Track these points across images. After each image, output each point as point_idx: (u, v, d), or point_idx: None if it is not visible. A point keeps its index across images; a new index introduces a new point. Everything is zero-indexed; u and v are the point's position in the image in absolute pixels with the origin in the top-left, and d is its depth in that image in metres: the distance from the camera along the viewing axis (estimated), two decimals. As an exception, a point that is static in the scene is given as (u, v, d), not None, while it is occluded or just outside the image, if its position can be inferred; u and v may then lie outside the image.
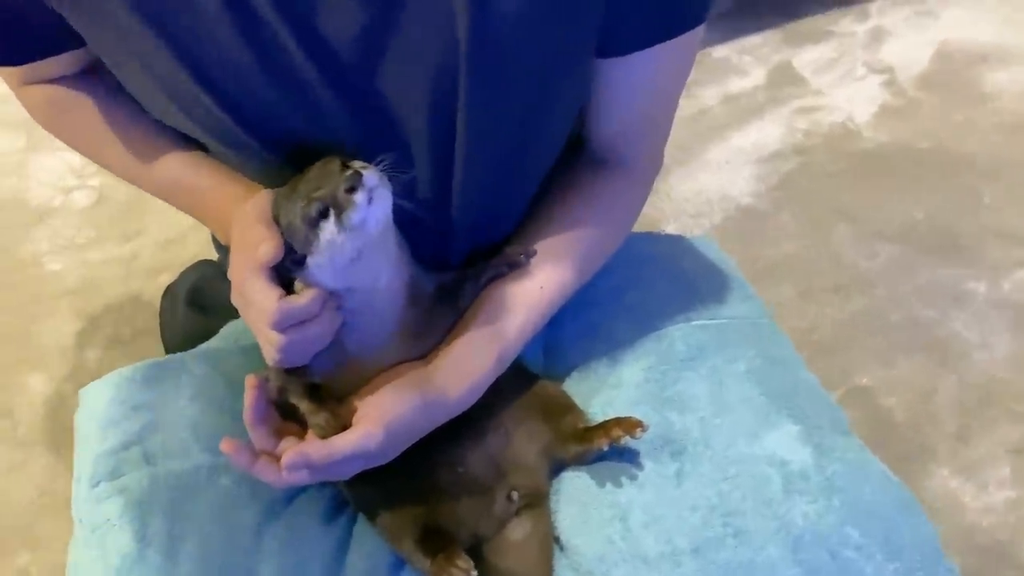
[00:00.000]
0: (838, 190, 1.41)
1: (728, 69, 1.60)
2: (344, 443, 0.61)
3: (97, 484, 0.69)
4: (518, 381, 0.74)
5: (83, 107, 0.70)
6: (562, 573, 0.68)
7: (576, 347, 0.79)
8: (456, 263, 0.71)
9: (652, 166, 0.75)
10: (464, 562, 0.63)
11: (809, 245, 1.32)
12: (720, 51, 1.63)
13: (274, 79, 0.57)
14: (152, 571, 0.63)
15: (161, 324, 1.13)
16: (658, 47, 0.62)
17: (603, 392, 0.74)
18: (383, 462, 0.64)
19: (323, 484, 0.72)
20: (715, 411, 0.70)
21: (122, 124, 0.69)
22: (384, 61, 0.57)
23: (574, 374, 0.78)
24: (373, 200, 0.57)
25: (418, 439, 0.65)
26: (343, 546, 0.70)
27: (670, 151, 0.77)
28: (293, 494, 0.70)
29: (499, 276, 0.70)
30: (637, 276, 0.82)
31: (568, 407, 0.73)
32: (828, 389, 1.09)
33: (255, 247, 0.58)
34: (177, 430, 0.71)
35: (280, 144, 0.62)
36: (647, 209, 0.76)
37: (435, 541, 0.67)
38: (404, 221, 0.64)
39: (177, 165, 0.69)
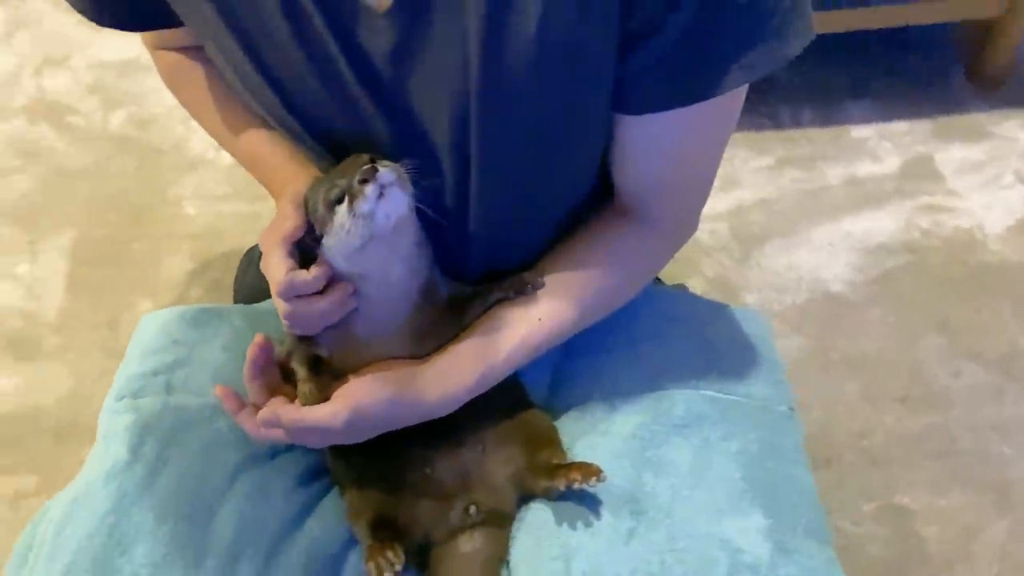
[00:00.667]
0: (941, 299, 1.33)
1: (863, 151, 1.54)
2: (312, 415, 0.66)
3: (121, 399, 0.77)
4: (512, 404, 0.77)
5: (194, 76, 0.77)
6: None
7: (580, 386, 0.80)
8: (472, 278, 0.74)
9: (678, 227, 0.75)
10: (394, 555, 0.66)
11: (890, 348, 1.26)
12: (860, 131, 1.58)
13: (323, 82, 0.63)
14: (134, 481, 0.69)
15: (235, 279, 1.23)
16: (678, 111, 0.62)
17: (590, 436, 0.75)
18: (346, 442, 0.69)
19: (309, 449, 0.77)
20: (690, 483, 0.70)
21: (220, 97, 0.76)
22: (411, 78, 0.61)
23: (572, 412, 0.79)
24: (384, 195, 0.61)
25: (387, 431, 0.69)
26: (306, 511, 0.74)
27: (773, 220, 0.77)
28: (277, 451, 0.75)
29: (506, 299, 0.72)
30: (660, 331, 0.82)
31: (549, 442, 0.75)
32: (862, 501, 1.05)
33: (281, 223, 0.64)
34: (201, 370, 0.79)
35: (326, 138, 0.68)
36: (729, 274, 0.76)
37: (385, 528, 0.71)
38: (428, 227, 0.68)
39: (257, 140, 0.75)
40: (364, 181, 0.61)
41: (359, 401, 0.66)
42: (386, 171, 0.61)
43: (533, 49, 0.57)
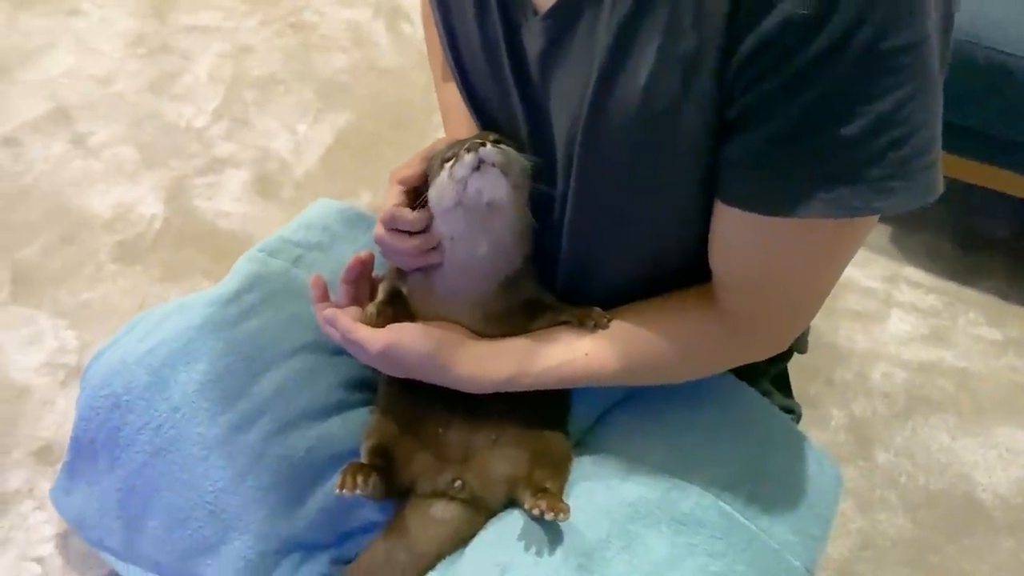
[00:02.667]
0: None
1: None
2: (357, 332, 0.74)
3: (261, 251, 0.91)
4: (547, 419, 0.81)
5: (429, 22, 0.88)
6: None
7: (616, 438, 0.82)
8: (554, 293, 0.78)
9: (755, 333, 0.72)
10: (363, 480, 0.73)
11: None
12: None
13: (490, 69, 0.70)
14: (225, 315, 0.82)
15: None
16: (763, 218, 0.61)
17: (594, 484, 0.77)
18: (380, 369, 0.77)
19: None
20: (647, 572, 0.70)
21: (436, 49, 0.85)
22: (551, 86, 0.66)
23: (595, 456, 0.81)
24: (481, 170, 0.68)
25: (414, 379, 0.76)
26: (337, 410, 0.83)
27: (961, 393, 0.72)
28: (342, 352, 0.85)
29: (570, 324, 0.76)
30: (720, 428, 0.81)
31: (555, 467, 0.78)
32: None
33: (406, 167, 0.73)
34: (330, 259, 0.90)
35: (484, 117, 0.76)
36: (876, 423, 0.71)
37: (380, 457, 0.78)
38: (537, 232, 0.74)
39: (451, 94, 0.84)
40: (469, 151, 0.68)
41: (399, 340, 0.74)
42: (493, 151, 0.68)
43: (636, 103, 0.60)
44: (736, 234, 0.64)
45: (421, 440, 0.80)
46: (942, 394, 1.15)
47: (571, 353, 0.74)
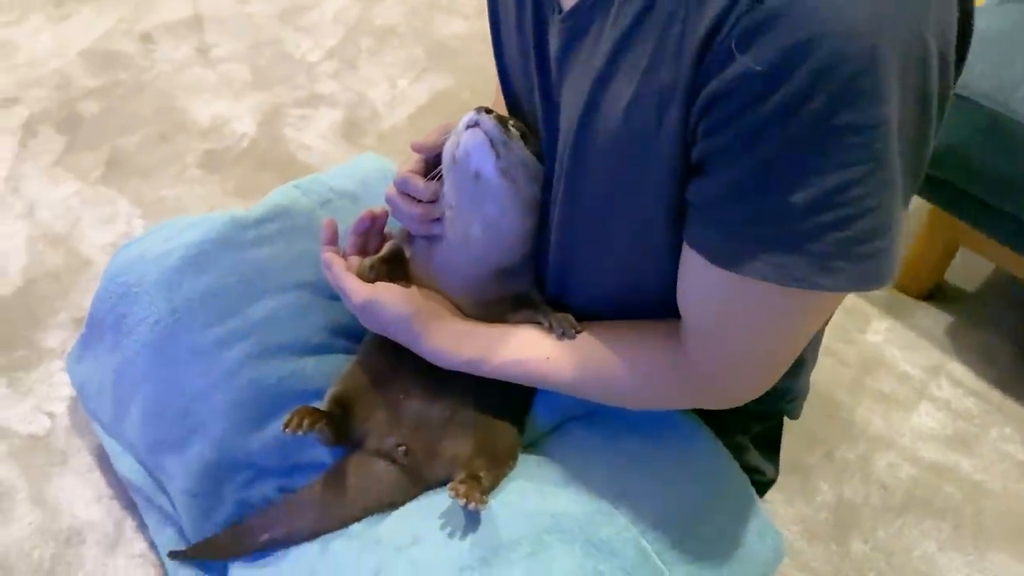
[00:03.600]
0: None
1: None
2: (344, 280, 0.80)
3: (296, 187, 0.97)
4: (504, 411, 0.83)
5: None
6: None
7: (562, 448, 0.83)
8: (544, 295, 0.80)
9: (710, 380, 0.71)
10: (308, 424, 0.77)
11: None
12: None
13: (522, 59, 0.72)
14: (240, 236, 0.89)
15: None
16: (722, 272, 0.60)
17: (526, 484, 0.79)
18: (359, 318, 0.81)
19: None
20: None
21: None
22: (563, 88, 0.67)
23: (539, 460, 0.83)
24: (472, 131, 0.72)
25: (386, 337, 0.80)
26: (317, 351, 0.88)
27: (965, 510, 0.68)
28: (338, 296, 0.90)
29: (541, 325, 0.78)
30: (667, 467, 0.80)
31: (495, 458, 0.79)
32: None
33: (427, 136, 0.77)
34: (353, 210, 0.94)
35: (514, 105, 0.79)
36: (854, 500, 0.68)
37: (338, 406, 0.82)
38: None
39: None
40: (472, 119, 0.71)
41: (380, 298, 0.78)
42: (490, 121, 0.71)
43: (615, 126, 0.61)
44: (696, 277, 0.64)
45: (382, 400, 0.84)
46: (945, 501, 1.09)
47: (534, 352, 0.76)
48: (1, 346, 1.14)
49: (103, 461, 1.02)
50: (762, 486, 0.92)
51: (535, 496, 0.78)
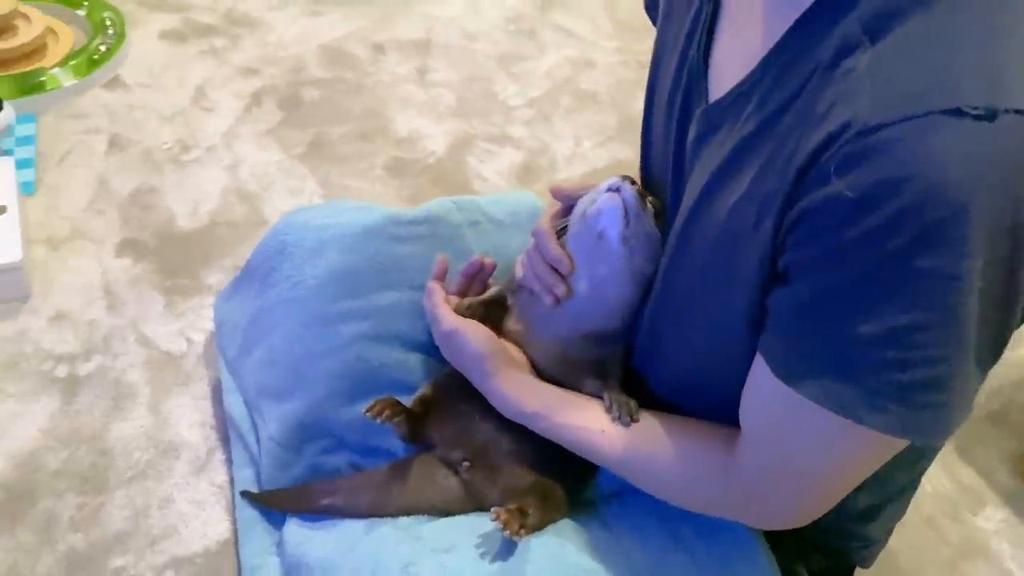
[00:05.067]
0: None
1: None
2: (439, 308, 0.87)
3: (455, 203, 1.04)
4: (562, 469, 0.84)
5: None
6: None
7: (616, 516, 0.85)
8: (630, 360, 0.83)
9: (752, 494, 0.70)
10: (387, 415, 0.84)
11: None
12: None
13: (662, 150, 0.77)
14: (391, 231, 0.97)
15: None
16: (782, 384, 0.60)
17: (566, 536, 0.81)
18: (440, 347, 0.87)
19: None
20: None
21: None
22: (691, 174, 0.70)
23: (590, 517, 0.85)
24: (612, 195, 0.76)
25: (460, 371, 0.86)
26: (422, 350, 0.94)
27: None
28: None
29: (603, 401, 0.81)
30: (708, 566, 0.80)
31: (545, 505, 0.81)
32: None
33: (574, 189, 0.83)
34: (494, 236, 1.03)
35: (647, 175, 0.82)
36: None
37: (422, 406, 0.89)
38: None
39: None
40: (615, 184, 0.76)
41: (464, 331, 0.84)
42: (631, 193, 0.76)
43: (720, 222, 0.64)
44: (759, 382, 0.65)
45: (460, 414, 0.89)
46: None
47: (591, 423, 0.79)
48: (172, 270, 1.29)
49: (216, 394, 1.13)
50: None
51: (575, 551, 0.79)
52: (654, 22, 0.86)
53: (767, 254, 0.60)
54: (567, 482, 0.86)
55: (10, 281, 1.20)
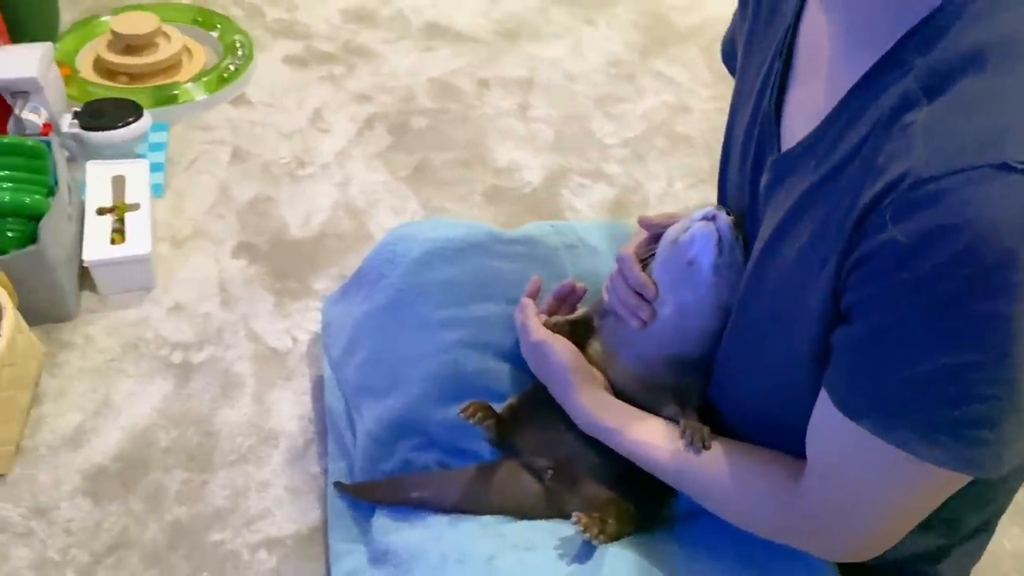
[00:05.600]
0: None
1: None
2: (530, 320, 0.93)
3: (552, 226, 1.11)
4: (637, 487, 0.88)
5: None
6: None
7: (691, 534, 0.88)
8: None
9: (810, 524, 0.73)
10: (479, 417, 0.90)
11: None
12: None
13: (738, 188, 0.81)
14: (491, 248, 1.05)
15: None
16: (844, 418, 0.63)
17: (641, 549, 0.84)
18: (527, 357, 0.93)
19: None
20: None
21: None
22: (765, 216, 0.75)
23: (666, 534, 0.88)
24: (707, 224, 0.80)
25: (544, 383, 0.91)
26: (514, 361, 0.99)
27: None
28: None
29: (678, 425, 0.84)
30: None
31: (622, 520, 0.85)
32: None
33: (665, 219, 0.88)
34: (587, 260, 1.09)
35: (724, 201, 0.88)
36: None
37: (511, 412, 0.94)
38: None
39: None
40: (711, 213, 0.80)
41: (551, 343, 0.89)
42: (727, 224, 0.80)
43: (788, 267, 0.68)
44: (823, 414, 0.68)
45: (547, 424, 0.93)
46: None
47: (662, 443, 0.82)
48: (282, 274, 1.38)
49: (316, 390, 1.20)
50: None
51: (648, 562, 0.83)
52: (732, 73, 0.91)
53: (830, 295, 0.64)
54: (645, 500, 0.89)
55: (139, 271, 1.30)
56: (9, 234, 1.19)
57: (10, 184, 1.19)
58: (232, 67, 1.77)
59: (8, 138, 1.23)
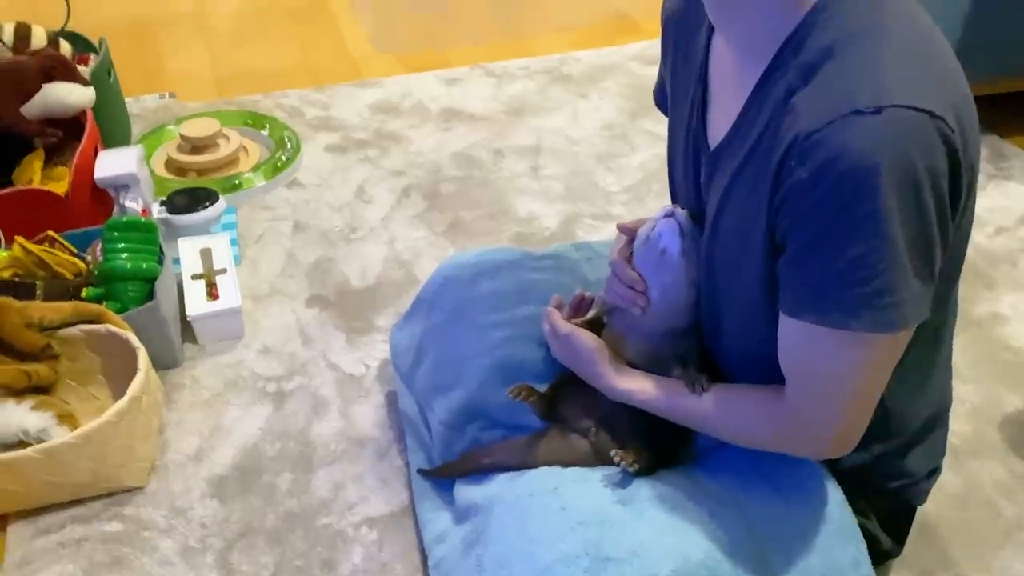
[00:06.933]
0: None
1: None
2: (557, 320, 1.15)
3: (573, 245, 1.36)
4: (671, 434, 1.12)
5: None
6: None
7: (716, 463, 1.10)
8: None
9: (798, 424, 0.93)
10: (524, 395, 1.13)
11: None
12: None
13: (683, 185, 1.07)
14: (525, 263, 1.30)
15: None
16: (793, 319, 0.86)
17: (674, 475, 1.07)
18: (554, 352, 1.16)
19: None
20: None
21: None
22: (708, 201, 0.99)
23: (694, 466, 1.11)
24: (668, 220, 1.04)
25: (573, 370, 1.13)
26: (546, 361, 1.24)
27: None
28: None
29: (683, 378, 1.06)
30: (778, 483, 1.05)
31: (654, 460, 1.08)
32: None
33: (637, 223, 1.13)
34: (604, 269, 1.31)
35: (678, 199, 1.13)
36: None
37: (554, 391, 1.17)
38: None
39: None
40: (670, 211, 1.05)
41: (577, 334, 1.12)
42: (684, 216, 1.03)
43: (735, 223, 0.92)
44: (782, 330, 0.91)
45: (585, 393, 1.15)
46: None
47: (673, 394, 1.04)
48: (349, 316, 1.64)
49: (390, 402, 1.44)
50: (878, 555, 1.10)
51: (677, 478, 1.06)
52: (664, 111, 1.19)
53: (768, 235, 0.87)
54: (669, 442, 1.12)
55: (231, 322, 1.56)
56: (130, 294, 1.45)
57: (129, 254, 1.46)
58: (284, 157, 2.07)
59: (126, 217, 1.51)
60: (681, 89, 1.07)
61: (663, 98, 1.19)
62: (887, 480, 1.09)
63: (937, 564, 1.24)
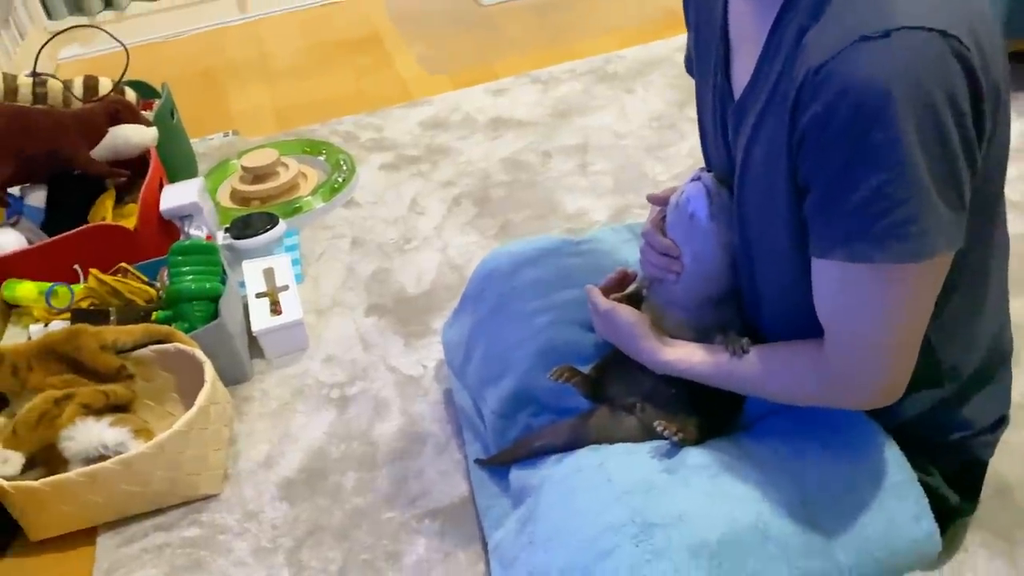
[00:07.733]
0: None
1: None
2: (598, 297, 1.16)
3: (612, 228, 1.37)
4: (717, 405, 1.11)
5: None
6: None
7: (762, 432, 1.09)
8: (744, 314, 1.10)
9: (837, 376, 0.92)
10: (567, 377, 1.14)
11: None
12: None
13: (714, 129, 1.06)
14: (563, 249, 1.34)
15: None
16: (827, 264, 0.84)
17: (722, 442, 1.07)
18: (597, 327, 1.17)
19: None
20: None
21: None
22: (736, 153, 0.99)
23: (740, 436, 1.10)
24: (695, 183, 1.04)
25: (617, 345, 1.14)
26: (594, 331, 1.24)
27: None
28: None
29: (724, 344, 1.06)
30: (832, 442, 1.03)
31: (699, 432, 1.08)
32: None
33: (670, 192, 1.13)
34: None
35: (709, 164, 1.12)
36: None
37: (597, 372, 1.18)
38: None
39: None
40: (696, 175, 1.05)
41: (618, 308, 1.13)
42: (711, 179, 1.03)
43: (761, 171, 0.91)
44: (817, 280, 0.89)
45: (629, 371, 1.16)
46: None
47: (716, 359, 1.04)
48: (407, 321, 1.69)
49: (447, 399, 1.48)
50: (946, 513, 1.06)
51: (725, 444, 1.05)
52: (692, 75, 1.18)
53: (791, 178, 0.86)
54: (715, 412, 1.11)
55: (295, 335, 1.63)
56: (197, 313, 1.53)
57: (193, 276, 1.54)
58: (340, 179, 2.15)
59: (189, 241, 1.60)
60: (704, 51, 1.08)
61: (691, 64, 1.19)
62: (947, 432, 1.06)
63: (1015, 523, 1.19)
